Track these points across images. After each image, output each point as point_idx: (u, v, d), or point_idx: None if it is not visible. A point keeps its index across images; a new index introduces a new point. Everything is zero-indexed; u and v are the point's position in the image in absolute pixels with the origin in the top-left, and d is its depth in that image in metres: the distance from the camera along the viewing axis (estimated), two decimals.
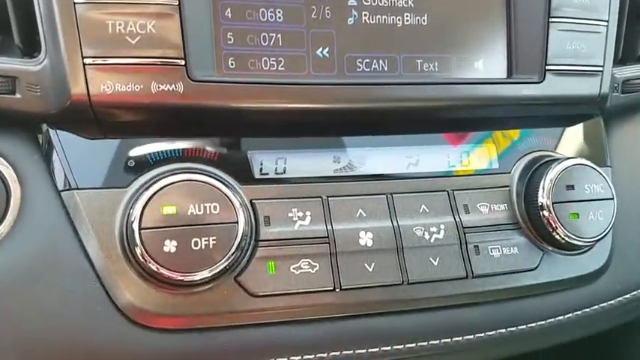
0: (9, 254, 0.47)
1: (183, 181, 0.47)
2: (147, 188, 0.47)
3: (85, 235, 0.48)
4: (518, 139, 0.62)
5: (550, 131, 0.64)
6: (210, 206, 0.47)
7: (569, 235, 0.57)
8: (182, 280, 0.46)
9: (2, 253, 0.46)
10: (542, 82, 0.59)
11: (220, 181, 0.49)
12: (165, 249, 0.46)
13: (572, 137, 0.65)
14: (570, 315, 0.60)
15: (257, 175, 0.53)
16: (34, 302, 0.46)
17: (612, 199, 0.59)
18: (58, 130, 0.49)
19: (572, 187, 0.58)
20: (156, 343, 0.48)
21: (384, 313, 0.53)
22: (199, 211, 0.47)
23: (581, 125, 0.66)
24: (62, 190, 0.49)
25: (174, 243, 0.46)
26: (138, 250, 0.46)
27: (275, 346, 0.50)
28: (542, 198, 0.58)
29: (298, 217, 0.52)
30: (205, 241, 0.47)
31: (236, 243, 0.48)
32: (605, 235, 0.58)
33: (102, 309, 0.47)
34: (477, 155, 0.61)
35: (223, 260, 0.47)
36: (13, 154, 0.49)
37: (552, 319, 0.59)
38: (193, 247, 0.46)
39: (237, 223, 0.48)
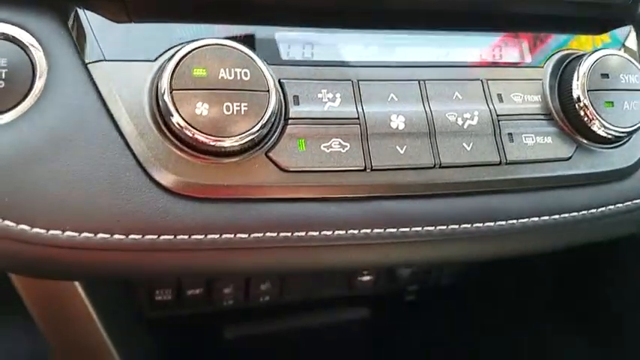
0: (37, 124, 0.46)
1: (213, 45, 0.46)
2: (176, 53, 0.46)
3: (113, 105, 0.47)
4: (550, 37, 0.61)
5: (581, 37, 0.63)
6: (241, 72, 0.46)
7: (605, 124, 0.56)
8: (213, 145, 0.45)
9: (30, 123, 0.46)
10: None
11: (251, 50, 0.48)
12: (197, 111, 0.45)
13: (604, 42, 0.64)
14: (603, 209, 0.58)
15: (284, 57, 0.52)
16: (63, 170, 0.45)
17: None
18: (85, 10, 0.48)
19: (606, 76, 0.57)
20: (186, 211, 0.47)
21: (415, 195, 0.52)
22: (230, 76, 0.46)
23: (612, 32, 0.64)
24: (89, 63, 0.48)
25: (206, 106, 0.45)
26: (169, 113, 0.45)
27: (307, 220, 0.49)
28: (577, 89, 0.56)
29: (328, 98, 0.51)
30: (237, 106, 0.46)
31: (268, 112, 0.46)
32: None
33: (132, 175, 0.46)
34: (509, 50, 0.59)
35: (253, 129, 0.46)
36: (38, 29, 0.48)
37: (585, 212, 0.58)
38: (225, 112, 0.45)
39: (268, 92, 0.47)
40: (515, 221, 0.55)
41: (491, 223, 0.54)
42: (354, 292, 1.02)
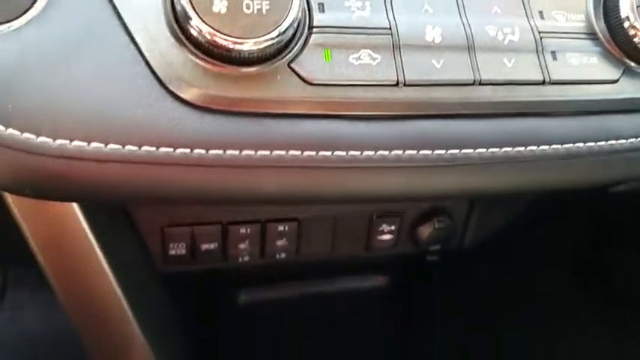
0: (45, 30, 0.42)
1: None
2: None
3: (125, 11, 0.43)
4: None
5: None
6: None
7: None
8: (232, 49, 0.41)
9: (38, 29, 0.42)
10: None
11: None
12: (215, 9, 0.41)
13: None
14: None
15: None
16: (71, 77, 0.41)
17: None
18: None
19: None
20: (203, 124, 0.42)
21: (452, 115, 0.48)
22: None
23: None
24: None
25: (225, 3, 0.41)
26: (186, 17, 0.41)
27: (333, 138, 0.45)
28: (626, 7, 0.52)
29: (357, 7, 0.47)
30: (258, 4, 0.41)
31: (292, 13, 0.42)
32: None
33: (145, 84, 0.42)
34: None
35: (274, 32, 0.42)
36: None
37: (634, 139, 0.53)
38: (245, 10, 0.41)
39: None
40: (559, 146, 0.51)
41: (534, 147, 0.50)
42: (372, 252, 0.98)
